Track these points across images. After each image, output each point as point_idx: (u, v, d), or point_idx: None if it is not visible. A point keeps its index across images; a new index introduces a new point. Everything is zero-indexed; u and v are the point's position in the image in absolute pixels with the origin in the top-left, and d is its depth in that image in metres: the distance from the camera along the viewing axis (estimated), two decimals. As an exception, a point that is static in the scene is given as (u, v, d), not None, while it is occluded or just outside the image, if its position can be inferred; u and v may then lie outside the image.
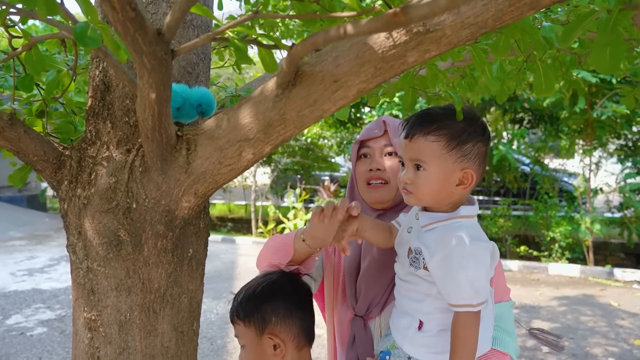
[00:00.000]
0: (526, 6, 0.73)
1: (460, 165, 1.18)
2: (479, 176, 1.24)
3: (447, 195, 1.20)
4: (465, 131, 1.20)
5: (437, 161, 1.18)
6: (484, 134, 1.24)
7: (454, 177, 1.19)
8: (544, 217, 8.72)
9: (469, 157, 1.20)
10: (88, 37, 0.72)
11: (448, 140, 1.18)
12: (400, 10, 0.49)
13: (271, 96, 0.86)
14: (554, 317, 5.93)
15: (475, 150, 1.20)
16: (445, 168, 1.18)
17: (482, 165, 1.24)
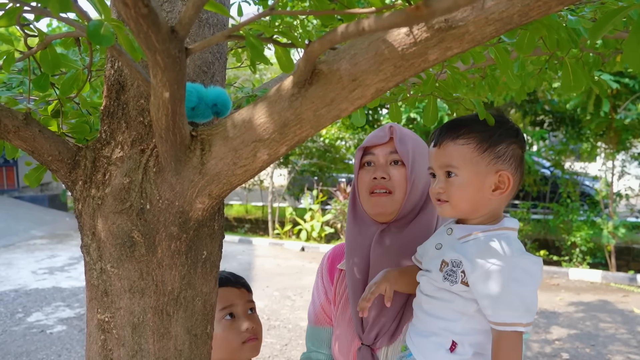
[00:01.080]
0: (554, 1, 0.70)
1: (495, 167, 1.12)
2: (517, 181, 1.15)
3: (485, 203, 1.13)
4: (496, 132, 1.13)
5: (469, 165, 1.11)
6: (517, 135, 1.17)
7: (489, 181, 1.12)
8: (565, 221, 8.56)
9: (503, 159, 1.13)
10: (101, 35, 0.70)
11: (479, 142, 1.12)
12: (422, 3, 0.46)
13: (287, 95, 0.84)
14: (573, 323, 5.81)
15: (509, 152, 1.13)
16: (478, 171, 1.11)
17: (519, 169, 1.16)
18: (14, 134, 0.95)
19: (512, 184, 1.13)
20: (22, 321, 5.94)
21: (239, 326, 1.34)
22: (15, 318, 6.05)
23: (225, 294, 1.37)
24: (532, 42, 1.02)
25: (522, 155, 1.18)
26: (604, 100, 7.34)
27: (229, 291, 1.39)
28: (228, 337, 1.33)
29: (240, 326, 1.34)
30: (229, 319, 1.33)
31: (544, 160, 10.16)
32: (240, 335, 1.34)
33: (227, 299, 1.38)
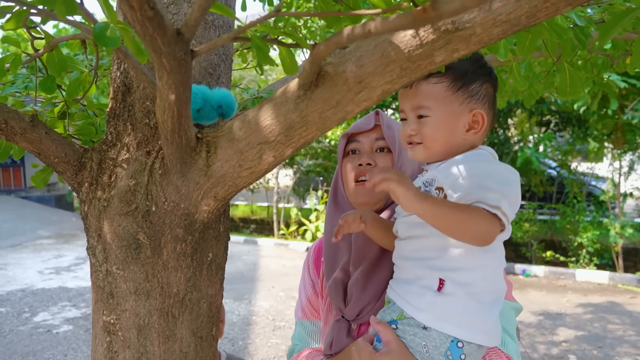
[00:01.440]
0: (562, 2, 0.69)
1: (469, 106, 1.09)
2: (490, 120, 1.13)
3: (459, 144, 1.09)
4: (470, 70, 1.10)
5: (443, 104, 1.07)
6: (491, 74, 1.14)
7: (463, 120, 1.08)
8: (571, 221, 8.51)
9: (477, 98, 1.09)
10: (107, 37, 0.71)
11: (452, 80, 1.08)
12: (429, 5, 0.46)
13: (292, 97, 0.84)
14: (580, 324, 5.77)
15: (483, 91, 1.11)
16: (452, 111, 1.07)
17: (492, 109, 1.13)
18: (20, 136, 0.95)
19: (485, 123, 1.10)
20: (28, 321, 5.97)
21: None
22: (22, 318, 6.08)
23: None
24: (534, 45, 1.01)
25: (495, 94, 1.15)
26: (612, 100, 7.29)
27: None
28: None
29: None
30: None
31: (550, 161, 10.11)
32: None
33: None
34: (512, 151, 9.21)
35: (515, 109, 9.31)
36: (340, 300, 1.31)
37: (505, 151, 9.26)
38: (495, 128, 9.67)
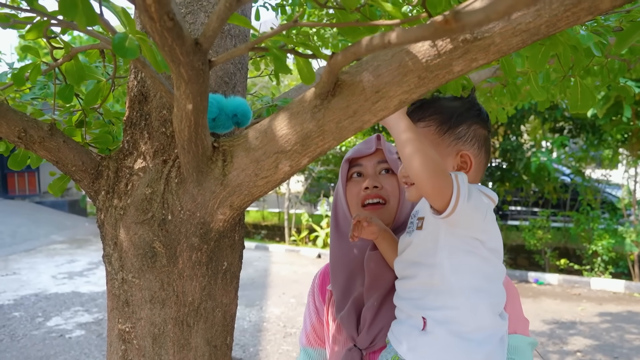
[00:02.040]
0: (583, 11, 0.68)
1: (455, 148, 1.12)
2: (481, 161, 1.15)
3: None
4: (456, 113, 1.13)
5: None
6: (479, 115, 1.16)
7: (451, 162, 1.12)
8: (586, 229, 8.41)
9: (465, 140, 1.13)
10: (126, 48, 0.71)
11: (439, 124, 1.12)
12: (451, 17, 0.45)
13: (309, 107, 0.83)
14: (596, 334, 5.68)
15: (470, 133, 1.14)
16: (439, 153, 1.09)
17: (482, 149, 1.15)
18: (39, 144, 0.96)
19: (473, 164, 1.13)
20: (41, 325, 6.02)
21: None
22: (35, 322, 6.13)
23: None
24: (546, 58, 1.00)
25: (487, 134, 1.18)
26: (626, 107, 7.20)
27: None
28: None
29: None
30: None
31: (564, 167, 10.01)
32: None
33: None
34: (525, 157, 9.13)
35: (528, 115, 9.24)
36: (353, 328, 1.30)
37: (518, 157, 9.19)
38: (508, 134, 9.61)
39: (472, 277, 1.07)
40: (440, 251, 1.08)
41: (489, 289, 1.10)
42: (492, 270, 1.10)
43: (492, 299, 1.10)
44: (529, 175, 9.15)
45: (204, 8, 1.04)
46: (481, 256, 1.07)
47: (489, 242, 1.07)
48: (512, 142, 9.46)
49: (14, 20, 0.80)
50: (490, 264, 1.09)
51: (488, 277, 1.09)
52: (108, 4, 0.77)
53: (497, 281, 1.12)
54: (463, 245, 1.07)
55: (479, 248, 1.07)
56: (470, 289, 1.06)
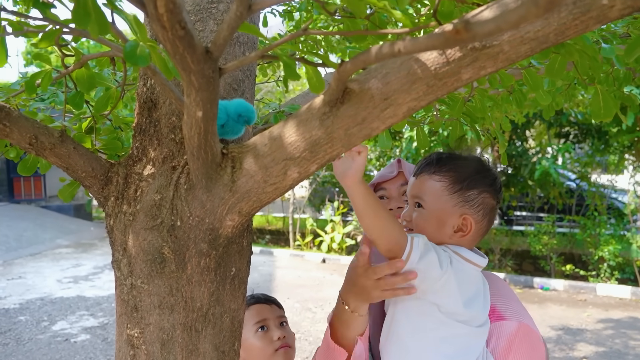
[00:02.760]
0: (592, 20, 0.68)
1: (461, 210, 1.15)
2: (481, 228, 1.18)
3: (443, 241, 1.16)
4: (472, 177, 1.16)
5: (437, 201, 1.15)
6: (493, 185, 1.19)
7: (452, 221, 1.15)
8: (592, 234, 8.36)
9: (472, 205, 1.16)
10: (137, 55, 0.72)
11: (452, 182, 1.15)
12: (462, 27, 0.46)
13: (318, 114, 0.84)
14: (601, 340, 5.65)
15: (479, 199, 1.16)
16: (444, 209, 1.15)
17: (486, 218, 1.18)
18: (50, 151, 0.97)
19: (473, 230, 1.16)
20: (47, 329, 6.04)
21: (271, 336, 1.50)
22: (41, 326, 6.15)
23: (259, 309, 1.56)
24: (563, 66, 1.00)
25: (494, 205, 1.21)
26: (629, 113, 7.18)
27: (261, 307, 1.57)
28: (262, 346, 1.50)
29: (272, 336, 1.50)
30: (263, 331, 1.47)
31: (569, 173, 9.98)
32: (272, 344, 1.50)
33: (260, 314, 1.55)
34: (530, 163, 9.11)
35: (534, 120, 9.22)
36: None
37: (523, 163, 9.17)
38: (513, 140, 9.59)
39: (427, 341, 1.11)
40: (397, 310, 1.14)
41: (448, 353, 1.11)
42: (450, 333, 1.11)
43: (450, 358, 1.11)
44: (535, 181, 9.13)
45: (213, 16, 1.05)
46: (437, 319, 1.10)
47: (445, 306, 1.10)
48: (517, 148, 9.44)
49: (27, 28, 0.82)
50: (448, 327, 1.11)
51: (445, 341, 1.11)
52: (120, 12, 0.77)
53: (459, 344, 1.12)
54: (417, 308, 1.11)
55: (434, 312, 1.10)
56: (427, 351, 1.10)
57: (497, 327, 1.18)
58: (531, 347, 1.18)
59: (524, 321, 1.20)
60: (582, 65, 0.99)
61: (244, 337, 1.45)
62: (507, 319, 1.19)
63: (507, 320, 1.19)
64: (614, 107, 1.28)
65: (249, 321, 1.51)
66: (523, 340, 1.18)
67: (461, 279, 1.10)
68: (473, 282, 1.15)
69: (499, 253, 8.96)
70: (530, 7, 0.39)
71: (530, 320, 1.23)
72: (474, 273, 1.15)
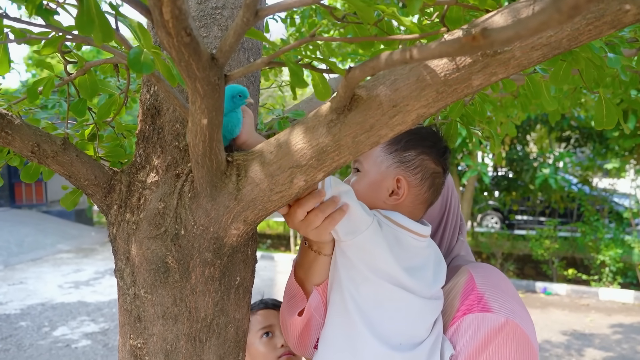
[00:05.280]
0: (606, 25, 0.67)
1: (395, 171, 1.10)
2: (419, 194, 1.11)
3: (378, 205, 1.10)
4: (410, 138, 1.11)
5: (374, 163, 1.11)
6: (433, 147, 1.12)
7: (387, 183, 1.10)
8: (593, 239, 8.34)
9: (408, 166, 1.10)
10: (142, 63, 0.71)
11: (390, 143, 1.11)
12: (479, 34, 0.44)
13: (325, 121, 0.82)
14: (608, 345, 5.61)
15: (417, 161, 1.10)
16: (379, 170, 1.10)
17: (426, 182, 1.11)
18: (52, 159, 0.96)
19: (408, 193, 1.10)
20: (48, 335, 6.01)
21: (275, 343, 1.50)
22: (42, 332, 6.12)
23: (266, 315, 1.55)
24: (568, 74, 0.99)
25: (436, 170, 1.13)
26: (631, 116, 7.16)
27: (268, 313, 1.57)
28: (266, 352, 1.51)
29: (276, 343, 1.50)
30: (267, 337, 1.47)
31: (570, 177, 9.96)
32: (275, 351, 1.50)
33: (267, 319, 1.55)
34: (531, 167, 9.09)
35: (535, 124, 9.21)
36: None
37: (524, 168, 9.14)
38: (514, 144, 9.57)
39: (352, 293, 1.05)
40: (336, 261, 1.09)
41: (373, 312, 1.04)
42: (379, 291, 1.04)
43: (379, 325, 1.04)
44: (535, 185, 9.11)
45: (218, 22, 1.04)
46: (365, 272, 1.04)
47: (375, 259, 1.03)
48: (518, 152, 9.42)
49: (30, 35, 0.80)
50: (371, 283, 1.04)
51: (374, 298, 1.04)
52: (124, 19, 0.76)
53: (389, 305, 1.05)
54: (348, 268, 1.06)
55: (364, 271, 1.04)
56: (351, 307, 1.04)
57: (478, 319, 1.05)
58: (517, 349, 1.02)
59: (514, 319, 1.04)
60: (587, 72, 0.97)
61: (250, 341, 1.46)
62: (493, 311, 1.05)
63: (492, 313, 1.05)
64: (617, 115, 1.27)
65: (254, 326, 1.52)
66: (507, 339, 1.02)
67: (393, 244, 1.03)
68: (414, 252, 1.07)
69: (500, 257, 8.93)
70: (553, 13, 0.38)
71: (523, 321, 1.06)
72: (415, 243, 1.08)
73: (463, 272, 1.17)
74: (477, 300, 1.08)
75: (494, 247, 8.99)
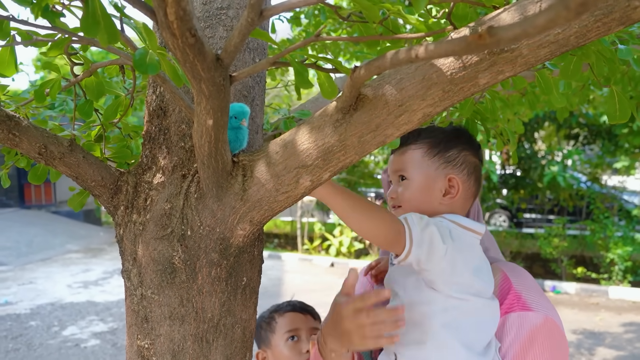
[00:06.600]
0: (615, 21, 0.66)
1: (444, 171, 1.12)
2: (469, 188, 1.14)
3: (435, 208, 1.11)
4: (448, 137, 1.14)
5: (419, 168, 1.13)
6: (470, 142, 1.16)
7: (439, 184, 1.11)
8: (602, 237, 8.27)
9: (454, 164, 1.13)
10: (147, 64, 0.71)
11: (430, 146, 1.13)
12: (486, 32, 0.44)
13: (331, 121, 0.82)
14: (619, 344, 5.57)
15: (461, 158, 1.14)
16: (427, 174, 1.12)
17: (471, 177, 1.14)
18: (59, 160, 0.96)
19: (461, 190, 1.12)
20: (57, 335, 6.06)
21: (300, 348, 1.48)
22: (52, 331, 6.16)
23: (293, 318, 1.54)
24: (578, 68, 0.97)
25: (477, 163, 1.17)
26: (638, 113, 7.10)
27: (295, 316, 1.55)
28: (290, 356, 1.49)
29: (302, 348, 1.48)
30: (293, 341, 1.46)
31: (579, 174, 9.89)
32: (300, 356, 1.47)
33: (294, 322, 1.53)
34: (539, 165, 9.03)
35: (543, 122, 9.15)
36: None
37: (532, 166, 9.09)
38: (522, 141, 9.52)
39: (438, 313, 1.03)
40: (407, 285, 1.07)
41: (461, 325, 1.04)
42: (462, 304, 1.04)
43: (467, 335, 1.04)
44: (544, 183, 9.06)
45: (223, 22, 1.04)
46: (446, 292, 1.03)
47: (453, 276, 1.03)
48: (526, 150, 9.37)
49: (36, 37, 0.81)
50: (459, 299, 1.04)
51: (459, 311, 1.04)
52: (129, 20, 0.76)
53: (472, 315, 1.05)
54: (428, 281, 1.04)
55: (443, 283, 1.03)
56: (438, 325, 1.03)
57: (520, 317, 1.09)
58: (556, 345, 1.08)
59: (551, 316, 1.10)
60: (598, 66, 0.96)
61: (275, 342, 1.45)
62: (533, 310, 1.10)
63: (533, 311, 1.10)
64: (630, 108, 1.25)
65: (281, 328, 1.50)
66: (548, 336, 1.08)
67: (463, 249, 1.04)
68: (476, 252, 1.07)
69: (509, 256, 8.88)
70: (561, 10, 0.37)
71: (557, 317, 1.12)
72: (475, 242, 1.08)
73: (495, 270, 1.20)
74: (516, 299, 1.13)
75: (503, 246, 8.95)
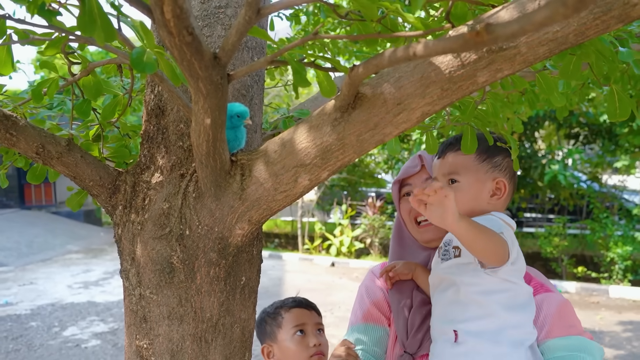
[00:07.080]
0: (613, 19, 0.66)
1: (492, 175, 1.24)
2: (511, 189, 1.28)
3: (483, 208, 1.22)
4: (493, 145, 1.25)
5: (470, 172, 1.24)
6: (509, 151, 1.28)
7: (488, 187, 1.24)
8: (602, 236, 8.26)
9: (500, 169, 1.26)
10: (144, 63, 0.70)
11: (479, 152, 1.24)
12: (483, 29, 0.44)
13: (329, 120, 0.82)
14: (618, 343, 5.56)
15: (505, 163, 1.27)
16: (478, 178, 1.24)
17: (512, 180, 1.29)
18: (57, 160, 0.96)
19: (507, 191, 1.26)
20: (58, 335, 6.05)
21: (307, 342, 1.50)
22: (52, 332, 6.16)
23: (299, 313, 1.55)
24: (578, 68, 0.97)
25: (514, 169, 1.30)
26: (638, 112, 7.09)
27: (301, 312, 1.57)
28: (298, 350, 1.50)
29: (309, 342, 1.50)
30: (300, 335, 1.50)
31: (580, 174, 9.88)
32: (308, 350, 1.49)
33: (300, 317, 1.54)
34: (540, 164, 9.02)
35: (543, 121, 9.14)
36: (403, 331, 1.38)
37: (533, 165, 9.08)
38: (522, 141, 9.51)
39: (496, 293, 1.14)
40: (465, 274, 1.16)
41: (514, 303, 1.16)
42: (515, 287, 1.16)
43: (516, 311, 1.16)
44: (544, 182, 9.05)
45: (221, 21, 1.04)
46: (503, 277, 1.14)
47: (515, 264, 1.14)
48: (527, 149, 9.36)
49: (33, 36, 0.80)
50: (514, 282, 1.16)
51: (513, 292, 1.15)
52: (126, 19, 0.76)
53: (522, 296, 1.17)
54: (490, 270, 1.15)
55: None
56: (495, 303, 1.13)
57: (547, 297, 1.30)
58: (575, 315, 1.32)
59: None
60: (598, 66, 0.96)
61: (281, 337, 1.47)
62: (554, 292, 1.32)
63: (554, 293, 1.31)
64: (630, 106, 1.25)
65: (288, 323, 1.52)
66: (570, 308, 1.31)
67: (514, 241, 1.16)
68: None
69: (509, 255, 8.85)
70: (558, 7, 0.37)
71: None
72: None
73: None
74: (539, 285, 1.32)
75: (503, 245, 8.91)
